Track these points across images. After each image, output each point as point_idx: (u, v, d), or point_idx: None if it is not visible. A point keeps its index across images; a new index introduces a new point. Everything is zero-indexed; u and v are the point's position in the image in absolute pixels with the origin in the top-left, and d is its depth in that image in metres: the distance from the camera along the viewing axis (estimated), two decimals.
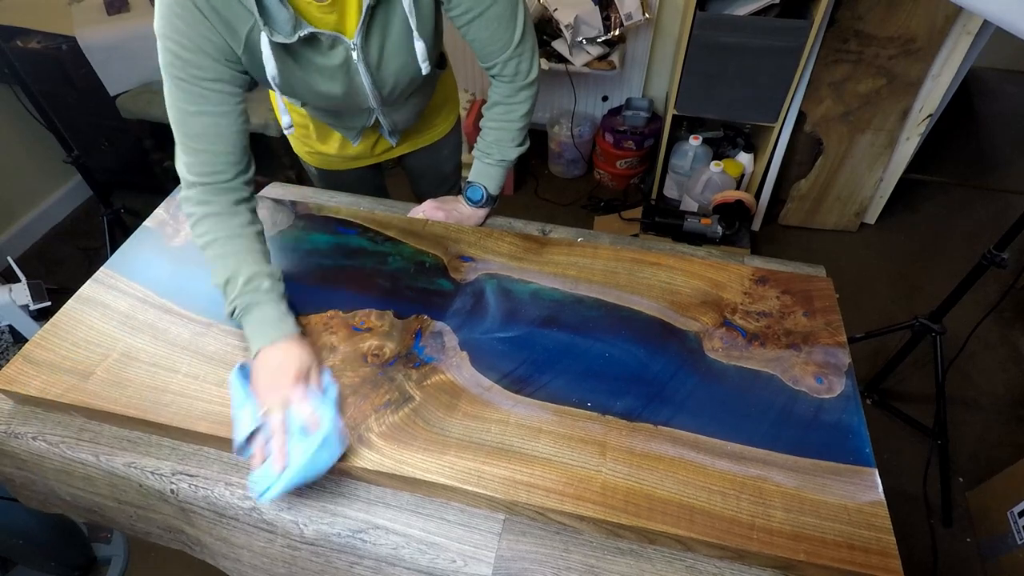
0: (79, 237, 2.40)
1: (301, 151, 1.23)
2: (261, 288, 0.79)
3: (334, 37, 0.82)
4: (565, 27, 2.13)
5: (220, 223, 0.82)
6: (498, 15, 0.88)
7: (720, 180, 2.14)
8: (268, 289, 0.80)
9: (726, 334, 0.85)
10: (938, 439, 1.62)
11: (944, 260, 2.29)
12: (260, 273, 0.80)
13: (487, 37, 0.90)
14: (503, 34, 0.90)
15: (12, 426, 0.80)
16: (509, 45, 0.91)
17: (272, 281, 0.81)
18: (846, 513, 0.67)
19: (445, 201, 1.06)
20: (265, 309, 0.79)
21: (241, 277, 0.79)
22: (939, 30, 1.86)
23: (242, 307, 0.79)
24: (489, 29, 0.89)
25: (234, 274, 0.79)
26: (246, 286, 0.79)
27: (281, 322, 0.79)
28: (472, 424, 0.74)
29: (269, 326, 0.78)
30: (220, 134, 0.80)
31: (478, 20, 0.88)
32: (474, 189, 1.04)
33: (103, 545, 1.52)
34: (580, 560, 0.68)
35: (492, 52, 0.92)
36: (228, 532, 0.77)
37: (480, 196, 1.04)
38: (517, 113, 1.00)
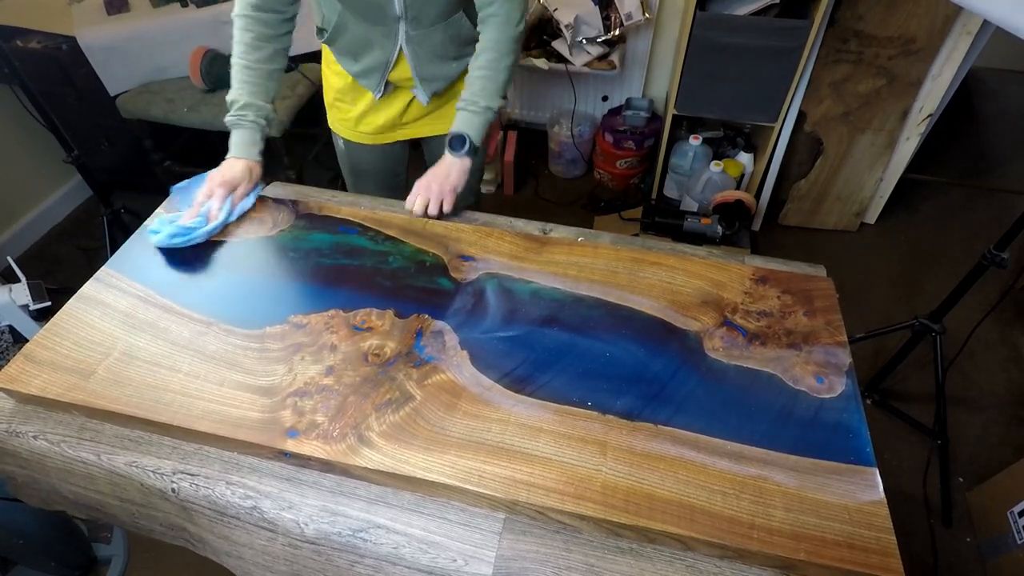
0: (79, 237, 2.40)
1: (334, 119, 1.32)
2: (247, 118, 1.05)
3: None
4: (565, 27, 2.13)
5: (247, 52, 1.05)
6: None
7: (720, 180, 2.15)
8: (252, 120, 1.05)
9: (726, 334, 0.85)
10: (938, 439, 1.62)
11: (944, 260, 2.30)
12: (250, 106, 1.05)
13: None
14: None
15: (13, 425, 0.81)
16: None
17: (255, 113, 1.05)
18: (846, 512, 0.67)
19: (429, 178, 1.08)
20: (244, 133, 1.05)
21: (239, 102, 1.05)
22: (939, 30, 1.86)
23: (230, 123, 1.06)
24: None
25: (237, 97, 1.05)
26: (239, 110, 1.05)
27: (247, 146, 1.05)
28: (473, 423, 0.74)
29: (237, 146, 1.05)
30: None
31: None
32: (459, 138, 1.08)
33: (103, 545, 1.52)
34: (580, 559, 0.69)
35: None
36: (229, 531, 0.77)
37: (464, 144, 1.08)
38: (506, 62, 1.08)
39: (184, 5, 1.98)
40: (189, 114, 1.95)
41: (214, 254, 0.97)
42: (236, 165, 1.04)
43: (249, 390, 0.78)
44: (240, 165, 1.04)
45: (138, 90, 2.02)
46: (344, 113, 1.29)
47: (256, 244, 0.98)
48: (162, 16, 1.95)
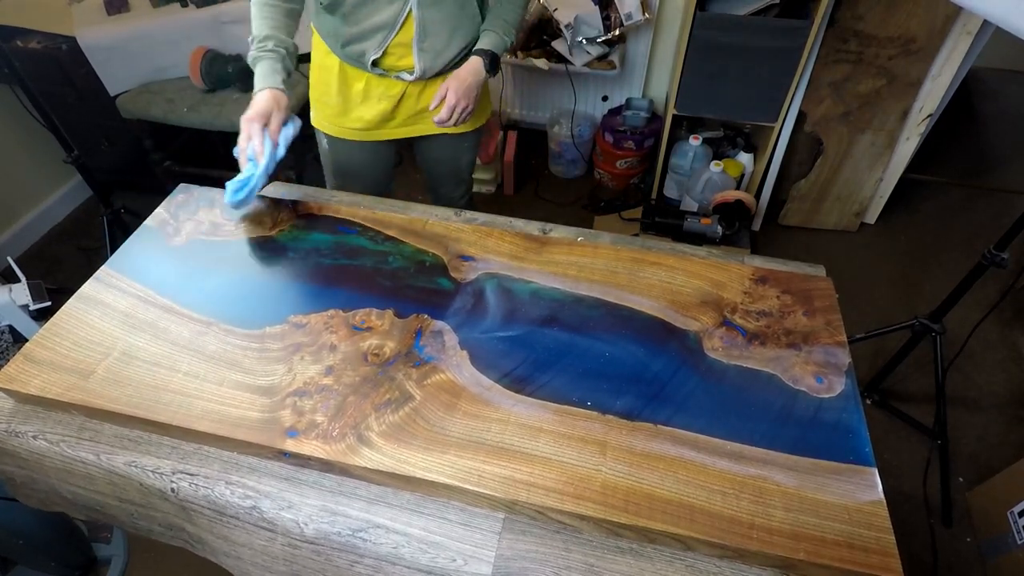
0: (79, 237, 2.40)
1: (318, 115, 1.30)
2: (267, 47, 1.05)
3: None
4: (565, 27, 2.13)
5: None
6: None
7: (720, 180, 2.14)
8: (272, 48, 1.05)
9: (726, 334, 0.85)
10: (938, 439, 1.62)
11: (944, 260, 2.29)
12: (271, 37, 1.06)
13: None
14: None
15: (13, 425, 0.81)
16: None
17: (275, 43, 1.06)
18: (846, 512, 0.67)
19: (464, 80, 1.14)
20: (265, 64, 1.05)
21: (260, 35, 1.06)
22: (939, 30, 1.86)
23: (253, 59, 1.06)
24: None
25: (257, 32, 1.07)
26: (260, 43, 1.06)
27: (269, 75, 1.04)
28: (472, 423, 0.74)
29: (261, 78, 1.04)
30: None
31: None
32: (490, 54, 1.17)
33: (103, 545, 1.52)
34: (580, 559, 0.69)
35: None
36: (229, 531, 0.77)
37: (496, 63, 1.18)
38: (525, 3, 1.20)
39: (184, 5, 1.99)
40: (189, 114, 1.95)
41: (214, 254, 0.97)
42: (260, 97, 1.03)
43: (249, 390, 0.78)
44: (264, 95, 1.03)
45: (138, 90, 2.02)
46: (330, 108, 1.27)
47: (256, 244, 0.98)
48: (162, 16, 1.95)
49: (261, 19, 1.07)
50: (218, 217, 1.03)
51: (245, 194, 0.98)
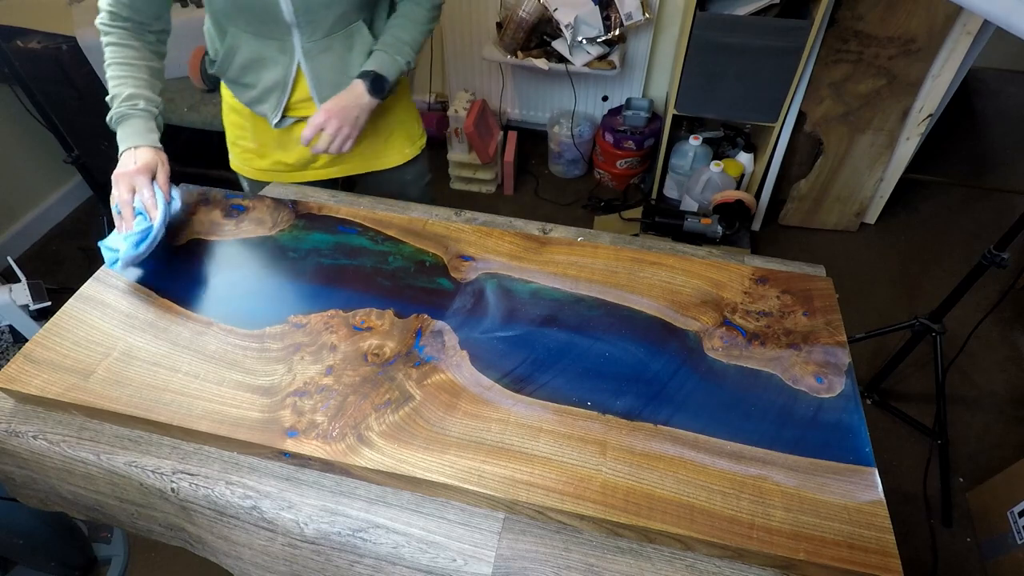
0: (79, 237, 2.40)
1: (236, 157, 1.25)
2: (137, 106, 0.97)
3: None
4: (565, 27, 2.13)
5: (122, 52, 0.99)
6: None
7: (720, 180, 2.15)
8: (142, 108, 0.97)
9: (726, 333, 0.85)
10: (938, 439, 1.62)
11: (944, 260, 2.30)
12: (139, 95, 0.97)
13: None
14: None
15: (13, 425, 0.81)
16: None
17: (146, 102, 0.98)
18: (846, 512, 0.67)
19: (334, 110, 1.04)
20: (136, 122, 0.96)
21: (124, 94, 0.97)
22: (939, 30, 1.86)
23: (118, 117, 0.96)
24: None
25: (119, 90, 0.97)
26: (125, 102, 0.96)
27: (144, 134, 0.96)
28: (472, 423, 0.74)
29: (135, 136, 0.95)
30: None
31: None
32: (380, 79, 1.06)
33: (103, 545, 1.52)
34: (580, 559, 0.69)
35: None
36: (229, 531, 0.77)
37: (384, 88, 1.07)
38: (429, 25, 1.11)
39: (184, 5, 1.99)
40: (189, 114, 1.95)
41: (214, 254, 0.97)
42: (141, 153, 0.94)
43: (249, 390, 0.78)
44: (145, 151, 0.94)
45: None
46: (248, 152, 1.21)
47: (256, 244, 0.98)
48: None
49: (123, 78, 0.98)
50: (218, 217, 1.03)
51: (146, 247, 0.90)
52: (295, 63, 1.06)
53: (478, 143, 2.41)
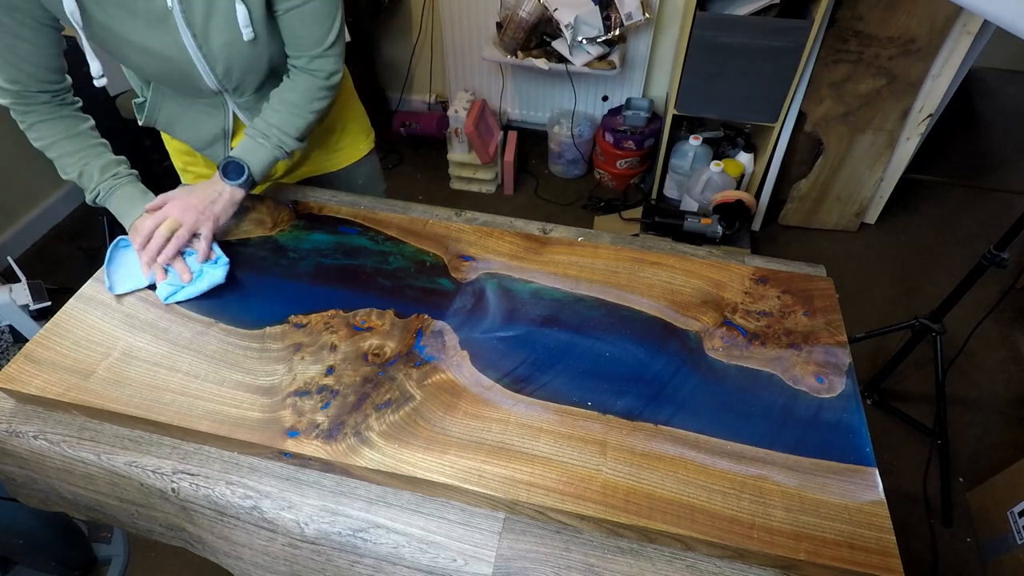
0: (79, 237, 2.40)
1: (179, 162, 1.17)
2: (119, 174, 0.93)
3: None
4: (565, 27, 2.13)
5: (53, 127, 0.91)
6: (315, 12, 0.88)
7: (720, 180, 2.15)
8: (124, 174, 0.94)
9: (727, 333, 0.85)
10: (938, 439, 1.62)
11: (944, 260, 2.30)
12: (111, 162, 0.93)
13: (302, 31, 0.90)
14: (317, 31, 0.90)
15: (13, 425, 0.81)
16: (322, 43, 0.92)
17: (124, 167, 0.94)
18: (846, 512, 0.67)
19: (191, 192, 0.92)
20: (127, 190, 0.93)
21: (95, 168, 0.92)
22: (939, 30, 1.86)
23: (105, 191, 0.92)
24: (306, 24, 0.89)
25: (87, 167, 0.91)
26: (103, 174, 0.92)
27: (144, 197, 0.93)
28: (473, 423, 0.74)
29: (137, 201, 0.92)
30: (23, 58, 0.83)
31: (295, 11, 0.87)
32: (237, 166, 0.93)
33: (103, 545, 1.52)
34: (580, 559, 0.69)
35: (303, 46, 0.92)
36: (229, 531, 0.77)
37: (243, 174, 0.93)
38: (315, 107, 0.97)
39: None
40: None
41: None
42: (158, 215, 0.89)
43: (249, 390, 0.78)
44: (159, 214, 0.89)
45: None
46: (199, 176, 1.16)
47: (256, 244, 0.98)
48: None
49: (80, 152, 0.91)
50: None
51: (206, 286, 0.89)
52: (230, 116, 1.01)
53: (478, 143, 2.41)
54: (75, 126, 0.92)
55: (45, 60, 0.86)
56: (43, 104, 0.90)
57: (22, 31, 0.80)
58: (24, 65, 0.84)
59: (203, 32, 0.84)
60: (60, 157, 0.92)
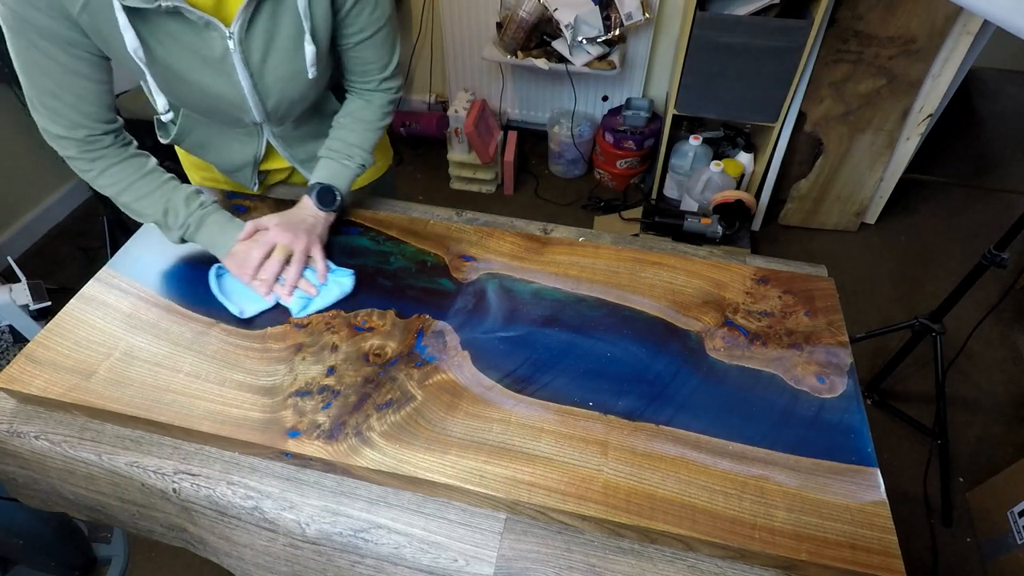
0: (79, 237, 2.40)
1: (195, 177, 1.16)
2: (204, 203, 0.90)
3: (207, 20, 0.74)
4: (565, 27, 2.13)
5: (125, 170, 0.87)
6: (384, 39, 0.90)
7: (720, 180, 2.15)
8: (209, 203, 0.91)
9: (728, 334, 0.85)
10: (938, 439, 1.62)
11: (944, 260, 2.30)
12: (192, 194, 0.89)
13: (372, 58, 0.92)
14: (385, 56, 0.93)
15: (15, 425, 0.80)
16: (389, 66, 0.95)
17: (204, 195, 0.91)
18: (848, 513, 0.67)
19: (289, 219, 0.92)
20: (215, 218, 0.90)
21: (179, 203, 0.88)
22: (939, 30, 1.87)
23: (195, 224, 0.88)
24: (376, 51, 0.91)
25: (169, 204, 0.88)
26: (189, 207, 0.88)
27: (232, 223, 0.91)
28: (474, 423, 0.74)
29: (228, 229, 0.90)
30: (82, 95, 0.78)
31: (368, 41, 0.89)
32: (329, 192, 0.94)
33: (103, 545, 1.52)
34: (582, 559, 0.69)
35: (372, 71, 0.94)
36: (230, 531, 0.77)
37: (336, 200, 0.94)
38: (385, 122, 1.00)
39: None
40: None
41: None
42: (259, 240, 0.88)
43: (250, 390, 0.78)
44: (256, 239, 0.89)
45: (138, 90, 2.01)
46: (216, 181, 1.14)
47: None
48: None
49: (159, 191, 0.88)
50: None
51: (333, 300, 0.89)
52: (263, 144, 1.00)
53: (478, 143, 2.40)
54: (144, 165, 0.89)
55: (106, 97, 0.82)
56: (109, 147, 0.85)
57: (79, 66, 0.76)
58: (84, 105, 0.80)
59: (259, 71, 0.83)
60: (137, 200, 0.87)
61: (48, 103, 0.78)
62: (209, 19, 0.74)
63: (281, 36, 0.81)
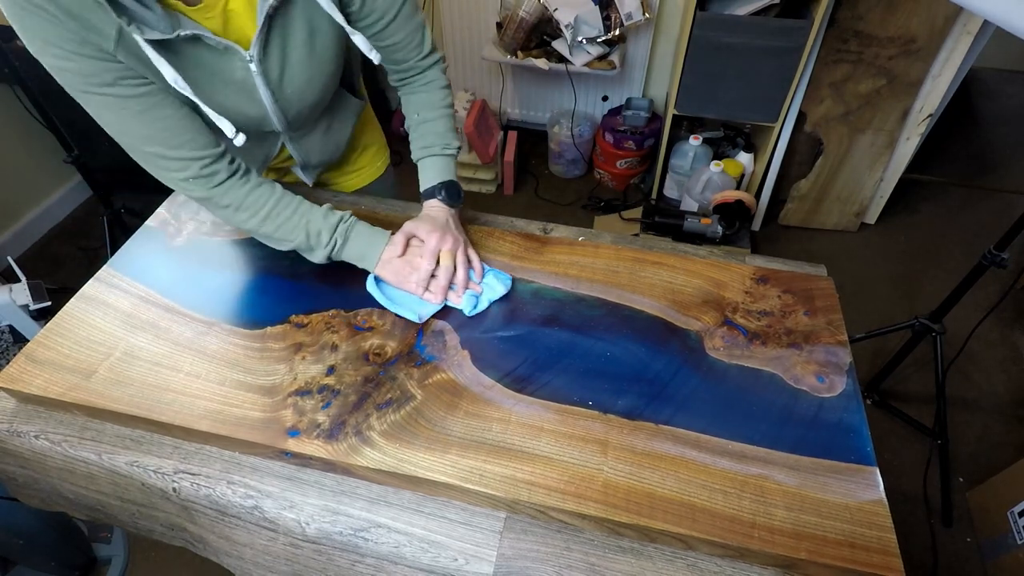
0: (79, 237, 2.40)
1: None
2: (344, 218, 0.88)
3: (226, 45, 0.75)
4: (565, 27, 2.13)
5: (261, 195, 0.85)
6: (408, 15, 0.87)
7: (720, 180, 2.15)
8: (348, 217, 0.89)
9: (727, 333, 0.85)
10: (938, 439, 1.62)
11: (944, 260, 2.30)
12: (327, 211, 0.88)
13: (405, 39, 0.89)
14: (417, 32, 0.90)
15: (15, 425, 0.81)
16: (424, 42, 0.91)
17: (339, 212, 0.89)
18: (847, 512, 0.67)
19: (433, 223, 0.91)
20: (358, 229, 0.89)
21: (319, 223, 0.86)
22: (939, 30, 1.87)
23: (342, 239, 0.87)
24: (406, 29, 0.88)
25: (311, 223, 0.86)
26: (328, 223, 0.86)
27: (374, 232, 0.89)
28: (473, 423, 0.74)
29: (374, 240, 0.89)
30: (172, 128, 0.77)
31: (395, 23, 0.86)
32: (453, 186, 0.95)
33: (103, 545, 1.52)
34: (581, 558, 0.69)
35: (413, 53, 0.91)
36: (230, 530, 0.77)
37: (459, 193, 0.96)
38: (450, 99, 0.98)
39: None
40: None
41: (216, 254, 0.97)
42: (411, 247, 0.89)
43: (250, 390, 0.78)
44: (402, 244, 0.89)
45: None
46: None
47: (258, 244, 0.98)
48: None
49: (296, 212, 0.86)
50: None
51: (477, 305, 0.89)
52: (277, 147, 1.00)
53: (478, 143, 2.41)
54: (273, 188, 0.87)
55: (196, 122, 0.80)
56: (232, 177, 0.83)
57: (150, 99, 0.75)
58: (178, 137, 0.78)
59: (279, 86, 0.83)
60: (280, 227, 0.85)
61: (146, 149, 0.78)
62: (228, 44, 0.75)
63: (294, 46, 0.81)
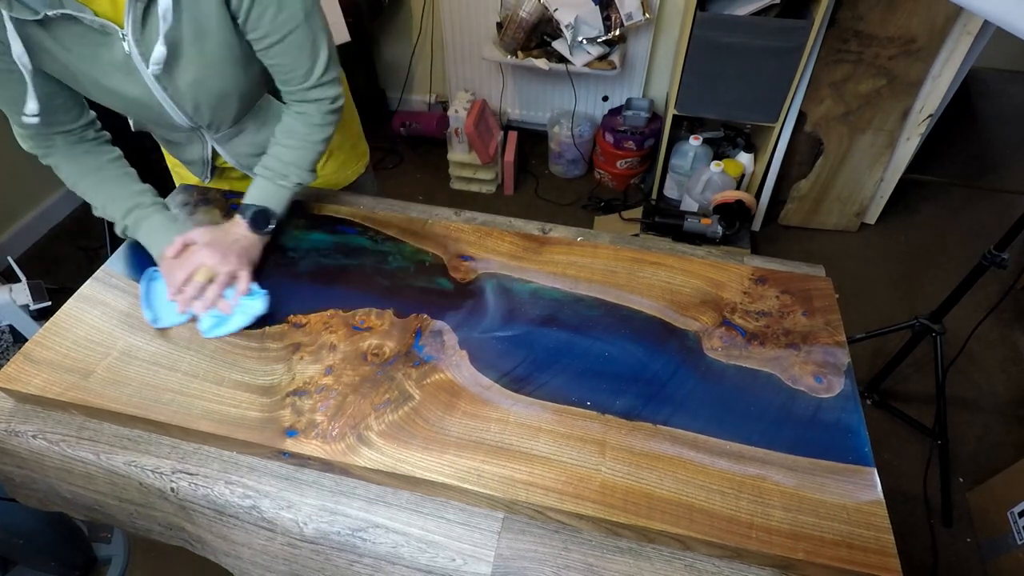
0: (79, 237, 2.40)
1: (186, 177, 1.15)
2: (143, 204, 0.91)
3: (100, 23, 0.72)
4: (565, 27, 2.13)
5: (73, 165, 0.90)
6: (297, 43, 0.83)
7: (720, 180, 2.15)
8: (148, 204, 0.92)
9: (725, 333, 0.85)
10: (938, 439, 1.62)
11: (944, 260, 2.30)
12: (135, 193, 0.92)
13: (289, 65, 0.85)
14: (305, 62, 0.86)
15: (12, 424, 0.81)
16: (311, 74, 0.87)
17: (149, 196, 0.92)
18: (845, 512, 0.67)
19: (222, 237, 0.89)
20: (153, 220, 0.91)
21: (120, 200, 0.90)
22: (939, 30, 1.86)
23: (132, 224, 0.91)
24: (291, 57, 0.84)
25: (111, 201, 0.91)
26: (128, 205, 0.90)
27: (171, 226, 0.90)
28: (471, 423, 0.74)
29: (164, 231, 0.90)
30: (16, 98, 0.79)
31: (279, 47, 0.82)
32: (263, 215, 0.92)
33: (103, 545, 1.52)
34: (579, 559, 0.69)
35: (294, 79, 0.87)
36: (228, 530, 0.77)
37: (269, 223, 0.93)
38: (324, 136, 0.94)
39: None
40: None
41: None
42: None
43: (248, 389, 0.78)
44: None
45: None
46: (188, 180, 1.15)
47: None
48: None
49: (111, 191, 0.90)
50: (218, 217, 1.03)
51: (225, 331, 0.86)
52: (208, 148, 1.01)
53: (478, 143, 2.41)
54: (95, 160, 0.91)
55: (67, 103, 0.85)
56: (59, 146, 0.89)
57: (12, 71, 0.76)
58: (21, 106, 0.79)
59: (167, 75, 0.80)
60: (85, 193, 0.91)
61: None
62: (103, 22, 0.73)
63: (181, 40, 0.77)
